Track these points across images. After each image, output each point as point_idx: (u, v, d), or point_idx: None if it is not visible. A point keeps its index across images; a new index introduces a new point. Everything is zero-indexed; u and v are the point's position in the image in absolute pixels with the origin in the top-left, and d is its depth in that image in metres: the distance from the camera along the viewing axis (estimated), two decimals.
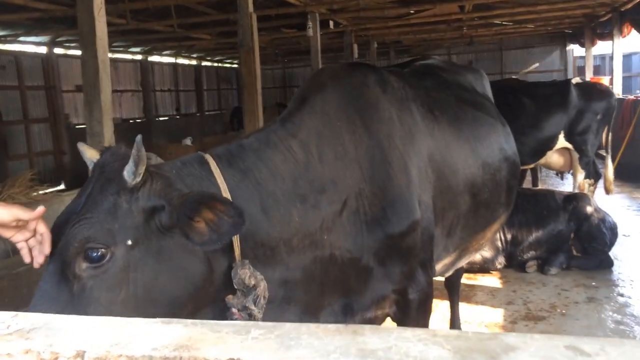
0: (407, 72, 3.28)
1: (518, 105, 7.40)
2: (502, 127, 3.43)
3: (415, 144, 2.56)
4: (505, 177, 3.27)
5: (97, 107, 5.03)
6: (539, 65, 21.59)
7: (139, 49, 18.15)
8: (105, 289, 1.68)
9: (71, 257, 1.66)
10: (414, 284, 2.48)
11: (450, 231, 2.82)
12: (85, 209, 1.71)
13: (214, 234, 1.73)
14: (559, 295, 5.24)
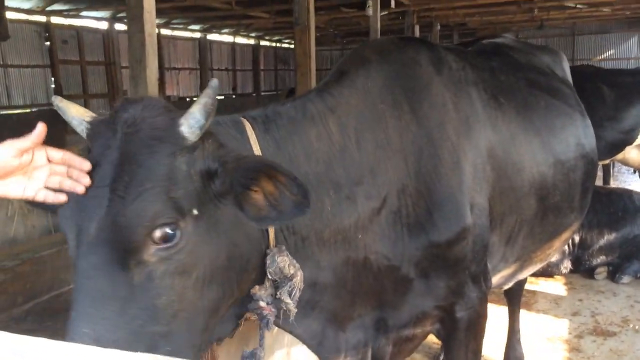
0: (471, 51, 2.88)
1: (596, 94, 6.76)
2: (582, 118, 2.97)
3: (472, 136, 2.20)
4: (581, 177, 2.82)
5: (142, 83, 4.84)
6: (614, 52, 20.26)
7: (198, 26, 18.20)
8: (178, 273, 1.39)
9: (135, 242, 1.32)
10: (463, 301, 2.15)
11: (511, 239, 2.44)
12: (131, 178, 1.33)
13: (273, 210, 1.47)
14: (632, 308, 4.71)
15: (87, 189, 1.34)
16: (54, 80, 13.38)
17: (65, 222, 1.40)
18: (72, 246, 1.38)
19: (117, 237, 1.31)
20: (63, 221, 1.40)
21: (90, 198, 1.34)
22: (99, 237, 1.31)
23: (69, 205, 1.37)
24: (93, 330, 1.27)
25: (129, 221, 1.31)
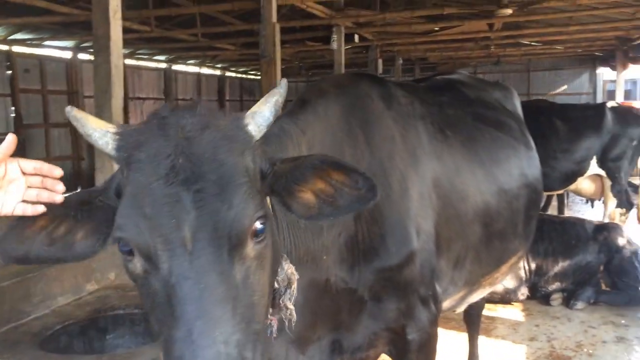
0: (423, 87, 3.03)
1: (550, 128, 7.09)
2: (526, 150, 3.14)
3: (418, 167, 2.33)
4: (524, 205, 2.97)
5: (107, 112, 4.87)
6: (567, 87, 21.14)
7: (163, 57, 18.21)
8: (262, 268, 1.39)
9: (242, 236, 1.31)
10: (414, 323, 2.24)
11: (458, 263, 2.55)
12: (220, 176, 1.31)
13: (328, 207, 1.50)
14: (585, 333, 4.88)
15: (164, 195, 1.28)
16: (14, 110, 13.15)
17: (138, 237, 1.29)
18: (156, 257, 1.28)
19: (224, 235, 1.28)
20: (139, 236, 1.29)
21: (172, 203, 1.27)
22: (202, 238, 1.27)
23: (138, 219, 1.29)
24: (221, 334, 1.21)
25: (237, 217, 1.30)
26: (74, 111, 1.43)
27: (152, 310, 1.33)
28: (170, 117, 1.41)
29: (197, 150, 1.33)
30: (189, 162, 1.31)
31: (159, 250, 1.27)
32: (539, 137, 6.99)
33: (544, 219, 5.86)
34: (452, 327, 4.87)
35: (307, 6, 9.33)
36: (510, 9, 9.41)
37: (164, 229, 1.27)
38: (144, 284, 1.33)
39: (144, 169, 1.32)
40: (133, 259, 1.32)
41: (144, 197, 1.29)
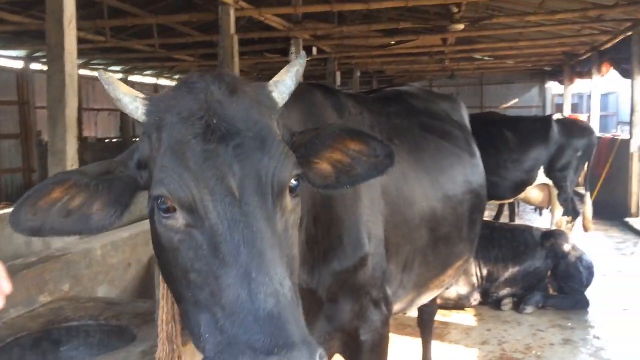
0: (372, 98, 3.14)
1: (500, 139, 7.35)
2: (470, 158, 3.28)
3: None
4: (468, 210, 3.10)
5: (60, 123, 4.81)
6: (518, 100, 21.90)
7: (119, 67, 17.94)
8: (296, 224, 1.47)
9: (284, 188, 1.39)
10: (366, 324, 2.31)
11: (406, 267, 2.65)
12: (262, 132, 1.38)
13: (344, 176, 1.57)
14: (534, 336, 5.07)
15: (204, 151, 1.32)
16: None
17: (181, 190, 1.31)
18: (203, 207, 1.31)
19: (268, 184, 1.34)
20: (183, 190, 1.32)
21: (217, 157, 1.32)
22: (248, 187, 1.32)
23: (181, 173, 1.32)
24: (276, 275, 1.26)
25: (278, 168, 1.36)
26: (106, 75, 1.47)
27: (190, 268, 1.33)
28: (198, 83, 1.46)
29: (229, 111, 1.39)
30: (223, 122, 1.36)
31: (205, 200, 1.30)
32: (491, 147, 7.32)
33: (494, 227, 6.08)
34: (407, 333, 4.98)
35: (265, 18, 9.41)
36: (462, 25, 9.73)
37: (209, 180, 1.30)
38: (185, 240, 1.34)
39: (179, 129, 1.36)
40: (173, 214, 1.34)
41: (184, 153, 1.33)
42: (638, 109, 10.52)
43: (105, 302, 3.19)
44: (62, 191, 1.43)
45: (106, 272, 3.83)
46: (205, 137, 1.34)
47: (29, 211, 1.41)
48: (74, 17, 4.87)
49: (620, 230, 9.73)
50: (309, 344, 1.18)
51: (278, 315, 1.19)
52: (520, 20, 10.17)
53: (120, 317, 2.94)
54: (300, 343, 1.16)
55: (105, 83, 1.47)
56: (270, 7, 9.82)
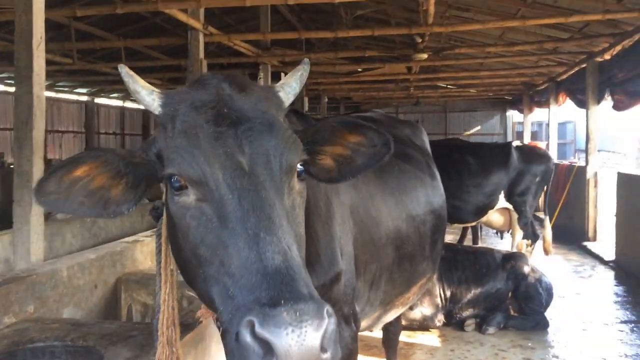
0: None
1: (463, 164, 7.58)
2: (431, 181, 3.43)
3: (339, 194, 2.50)
4: (430, 229, 3.24)
5: (27, 144, 4.78)
6: (481, 128, 22.52)
7: (85, 90, 17.79)
8: (302, 206, 1.57)
9: (293, 170, 1.49)
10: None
11: (374, 284, 2.74)
12: (263, 119, 1.50)
13: (346, 168, 1.65)
14: (496, 356, 5.19)
15: (216, 132, 1.43)
16: None
17: (192, 167, 1.41)
18: (214, 181, 1.40)
19: (277, 162, 1.45)
20: (193, 168, 1.42)
21: (228, 138, 1.43)
22: (257, 163, 1.42)
23: (193, 152, 1.42)
24: (285, 238, 1.34)
25: (286, 149, 1.47)
26: (125, 69, 1.58)
27: (202, 243, 1.41)
28: (211, 80, 1.58)
29: (239, 103, 1.51)
30: (233, 111, 1.48)
31: (216, 173, 1.40)
32: (454, 172, 7.55)
33: (457, 250, 6.24)
34: (373, 354, 5.05)
35: (234, 44, 9.55)
36: (425, 54, 10.07)
37: (220, 157, 1.41)
38: (197, 216, 1.42)
39: (192, 116, 1.47)
40: (185, 191, 1.44)
41: (197, 134, 1.43)
42: (593, 137, 10.97)
43: (71, 323, 3.17)
44: (89, 169, 1.51)
45: (72, 294, 3.80)
46: (216, 122, 1.46)
47: (54, 183, 1.48)
48: (43, 40, 4.89)
49: (578, 254, 10.04)
50: (317, 300, 1.24)
51: (286, 271, 1.25)
52: (481, 51, 10.57)
53: (87, 338, 2.93)
54: (308, 297, 1.22)
55: (124, 76, 1.58)
56: (239, 34, 9.99)
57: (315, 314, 1.20)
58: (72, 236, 6.28)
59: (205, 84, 1.59)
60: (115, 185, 1.55)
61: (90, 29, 10.03)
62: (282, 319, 1.17)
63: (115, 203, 1.56)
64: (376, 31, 8.96)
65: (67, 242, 6.21)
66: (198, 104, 1.51)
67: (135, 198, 1.58)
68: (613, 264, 8.84)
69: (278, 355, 1.17)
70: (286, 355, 1.17)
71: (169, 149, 1.48)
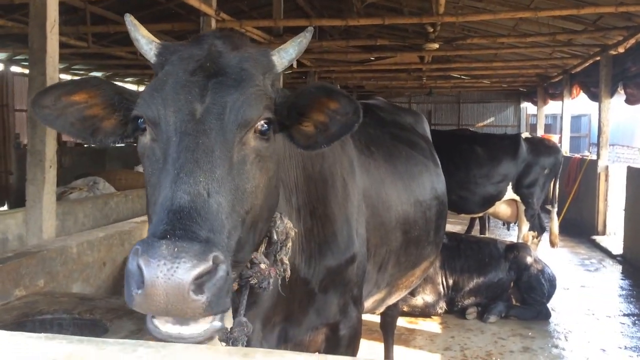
0: None
1: (471, 155, 7.60)
2: (434, 168, 3.50)
3: (354, 176, 2.55)
4: (435, 215, 3.31)
5: (40, 125, 4.89)
6: (494, 119, 22.38)
7: (100, 73, 17.94)
8: (260, 168, 1.58)
9: (249, 123, 1.52)
10: (346, 320, 2.42)
11: (382, 267, 2.80)
12: (241, 79, 1.55)
13: (321, 136, 1.69)
14: (495, 344, 5.26)
15: (186, 81, 1.51)
16: None
17: (152, 110, 1.51)
18: (166, 123, 1.48)
19: (232, 116, 1.50)
20: (151, 109, 1.51)
21: (195, 87, 1.51)
22: (211, 112, 1.48)
23: (157, 96, 1.51)
24: (206, 183, 1.37)
25: (245, 105, 1.52)
26: (130, 17, 1.70)
27: (151, 179, 1.50)
28: (207, 37, 1.67)
29: (224, 60, 1.58)
30: (215, 65, 1.56)
31: (168, 116, 1.48)
32: (461, 163, 7.58)
33: (461, 239, 6.29)
34: (374, 338, 5.14)
35: (246, 30, 9.60)
36: (436, 44, 10.04)
37: (178, 103, 1.49)
38: (149, 155, 1.52)
39: (176, 65, 1.56)
40: (145, 132, 1.53)
41: (167, 81, 1.52)
42: (605, 130, 10.90)
43: (79, 298, 3.30)
44: (87, 97, 1.61)
45: (81, 270, 3.93)
46: (193, 72, 1.54)
47: (51, 99, 1.58)
48: (56, 23, 4.99)
49: (587, 248, 10.04)
50: (210, 244, 1.26)
51: (188, 211, 1.30)
52: (494, 42, 10.53)
53: (94, 312, 3.04)
54: (199, 238, 1.26)
55: (128, 24, 1.70)
56: (251, 20, 10.01)
57: (196, 255, 1.23)
58: (83, 216, 6.42)
59: (202, 40, 1.67)
60: (108, 117, 1.65)
61: (104, 12, 10.11)
62: (159, 251, 1.22)
63: (104, 133, 1.66)
64: (387, 20, 8.95)
65: (79, 221, 6.35)
66: (186, 56, 1.60)
67: (123, 134, 1.67)
68: (621, 258, 8.83)
69: (145, 283, 1.22)
70: (152, 286, 1.21)
71: (141, 93, 1.58)
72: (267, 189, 1.64)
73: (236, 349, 1.20)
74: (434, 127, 22.41)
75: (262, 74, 1.64)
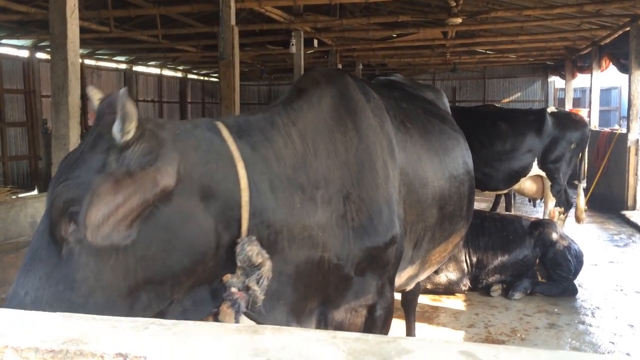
0: (375, 84, 3.27)
1: (495, 131, 7.48)
2: (464, 141, 3.47)
3: (394, 155, 2.51)
4: (468, 189, 3.28)
5: (64, 109, 4.97)
6: (521, 95, 21.94)
7: (124, 58, 18.10)
8: (93, 254, 1.56)
9: (56, 219, 1.56)
10: (382, 300, 2.40)
11: (417, 244, 2.78)
12: (76, 165, 1.60)
13: None
14: (520, 320, 5.22)
15: None
16: None
17: None
18: None
19: (50, 213, 1.59)
20: None
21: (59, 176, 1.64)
22: (47, 209, 1.61)
23: None
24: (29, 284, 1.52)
25: (53, 201, 1.58)
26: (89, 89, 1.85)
27: None
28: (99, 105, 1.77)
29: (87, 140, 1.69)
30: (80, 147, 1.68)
31: None
32: (486, 139, 7.46)
33: (485, 216, 6.23)
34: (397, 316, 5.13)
35: (266, 10, 9.54)
36: (459, 18, 9.83)
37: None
38: None
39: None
40: None
41: None
42: (635, 103, 10.60)
43: None
44: None
45: None
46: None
47: None
48: (76, 7, 5.02)
49: (616, 223, 9.85)
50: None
51: None
52: (519, 15, 10.25)
53: None
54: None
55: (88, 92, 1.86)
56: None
57: None
58: None
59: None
60: None
61: None
62: None
63: None
64: None
65: None
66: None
67: None
68: None
69: None
70: None
71: None
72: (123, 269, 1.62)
73: (246, 327, 1.21)
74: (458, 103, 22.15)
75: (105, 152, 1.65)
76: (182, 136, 1.79)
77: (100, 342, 1.10)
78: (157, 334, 1.14)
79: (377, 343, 1.08)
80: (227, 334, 1.15)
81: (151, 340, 1.12)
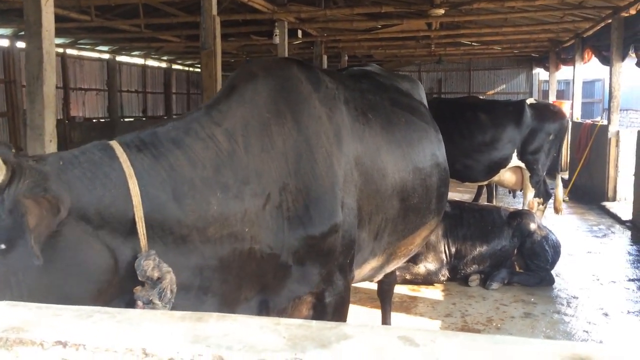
0: (344, 74, 3.27)
1: (475, 122, 7.51)
2: (435, 134, 3.44)
3: (342, 146, 2.52)
4: (436, 183, 3.27)
5: (39, 99, 4.91)
6: (506, 87, 22.06)
7: (106, 47, 17.91)
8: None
9: None
10: (332, 288, 2.44)
11: (378, 235, 2.79)
12: None
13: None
14: (497, 310, 5.28)
15: None
16: None
17: None
18: None
19: None
20: None
21: None
22: None
23: None
24: None
25: None
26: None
27: None
28: None
29: None
30: None
31: None
32: (466, 130, 7.50)
33: (464, 207, 6.26)
34: (376, 306, 5.16)
35: (248, 0, 9.48)
36: (442, 9, 9.84)
37: None
38: None
39: None
40: None
41: None
42: (616, 95, 10.71)
43: None
44: None
45: None
46: None
47: None
48: None
49: (596, 214, 9.95)
50: None
51: None
52: (502, 6, 10.28)
53: None
54: None
55: None
56: None
57: None
58: None
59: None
60: None
61: None
62: None
63: None
64: None
65: None
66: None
67: None
68: (630, 223, 8.74)
69: None
70: None
71: None
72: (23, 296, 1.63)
73: (191, 314, 1.21)
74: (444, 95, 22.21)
75: None
76: (66, 167, 1.80)
77: (41, 330, 1.09)
78: (100, 322, 1.14)
79: (318, 329, 1.09)
80: (171, 321, 1.15)
81: (94, 327, 1.11)
